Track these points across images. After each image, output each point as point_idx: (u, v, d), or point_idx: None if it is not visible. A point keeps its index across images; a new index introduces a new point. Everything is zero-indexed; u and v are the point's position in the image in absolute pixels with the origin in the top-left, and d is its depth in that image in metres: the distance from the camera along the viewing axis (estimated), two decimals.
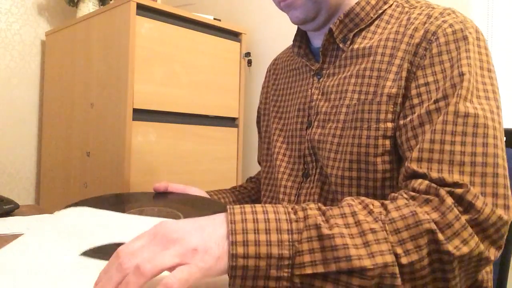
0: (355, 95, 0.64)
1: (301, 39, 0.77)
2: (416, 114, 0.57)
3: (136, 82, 1.40)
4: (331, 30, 0.69)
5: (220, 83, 1.66)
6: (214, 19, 1.66)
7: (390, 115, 0.60)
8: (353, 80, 0.65)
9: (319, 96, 0.70)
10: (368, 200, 0.50)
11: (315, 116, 0.70)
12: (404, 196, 0.50)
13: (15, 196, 1.93)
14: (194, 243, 0.41)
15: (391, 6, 0.69)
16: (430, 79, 0.58)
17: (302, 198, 0.70)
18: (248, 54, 1.76)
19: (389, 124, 0.60)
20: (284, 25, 1.69)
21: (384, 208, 0.48)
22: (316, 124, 0.69)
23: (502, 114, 0.63)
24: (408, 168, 0.54)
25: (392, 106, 0.60)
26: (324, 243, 0.44)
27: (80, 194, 1.60)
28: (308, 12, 0.68)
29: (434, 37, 0.59)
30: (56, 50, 1.82)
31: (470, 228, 0.47)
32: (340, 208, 0.48)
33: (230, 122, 1.72)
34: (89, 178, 1.55)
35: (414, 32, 0.62)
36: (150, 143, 1.45)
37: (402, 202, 0.48)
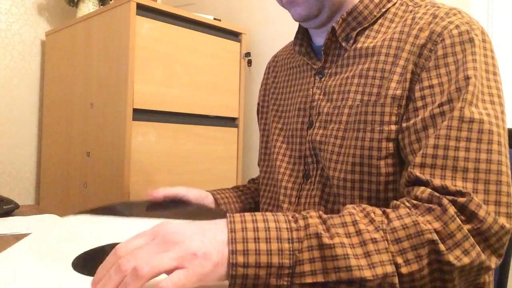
0: (358, 96, 0.63)
1: (302, 36, 0.76)
2: (420, 117, 0.56)
3: (136, 82, 1.40)
4: (333, 29, 0.67)
5: (220, 83, 1.66)
6: (214, 19, 1.66)
7: (394, 117, 0.59)
8: (356, 81, 0.64)
9: (321, 96, 0.69)
10: (369, 208, 0.49)
11: (316, 117, 0.69)
12: (406, 204, 0.50)
13: (15, 196, 1.93)
14: (194, 247, 0.41)
15: (395, 4, 0.68)
16: (435, 81, 0.57)
17: (303, 200, 0.69)
18: (248, 54, 1.76)
19: (392, 127, 0.59)
20: (284, 25, 1.69)
21: (386, 216, 0.48)
22: (318, 124, 0.68)
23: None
24: (411, 173, 0.54)
25: (396, 108, 0.59)
26: (325, 252, 0.43)
27: (80, 194, 1.60)
28: (311, 9, 0.67)
29: (440, 38, 0.58)
30: (56, 50, 1.82)
31: (471, 238, 0.47)
32: (341, 217, 0.48)
33: (230, 122, 1.71)
34: (89, 178, 1.55)
35: (419, 32, 0.60)
36: (150, 143, 1.44)
37: (404, 211, 0.48)
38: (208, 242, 0.42)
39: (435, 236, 0.45)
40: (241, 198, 0.89)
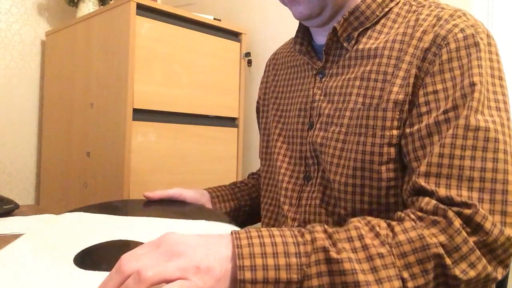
0: (360, 99, 0.62)
1: (303, 35, 0.74)
2: (424, 123, 0.55)
3: (136, 82, 1.40)
4: (335, 29, 0.66)
5: (220, 83, 1.66)
6: (214, 19, 1.66)
7: (396, 123, 0.58)
8: (357, 83, 0.63)
9: (322, 97, 0.68)
10: (374, 221, 0.49)
11: (317, 118, 0.68)
12: (411, 217, 0.49)
13: (15, 196, 1.93)
14: (198, 260, 0.40)
15: (398, 4, 0.66)
16: (439, 86, 0.56)
17: (304, 202, 0.68)
18: (248, 54, 1.76)
19: (394, 132, 0.58)
20: (284, 25, 1.69)
21: (391, 230, 0.48)
22: (319, 126, 0.67)
23: None
24: (416, 183, 0.53)
25: (398, 113, 0.58)
26: (333, 267, 0.43)
27: (80, 194, 1.60)
28: (313, 8, 0.65)
29: (444, 42, 0.57)
30: (56, 50, 1.82)
31: (477, 251, 0.46)
32: (347, 231, 0.47)
33: (230, 122, 1.71)
34: (89, 178, 1.55)
35: (422, 35, 0.59)
36: (150, 143, 1.44)
37: (409, 224, 0.48)
38: (212, 256, 0.41)
39: (441, 250, 0.45)
40: (236, 195, 0.89)
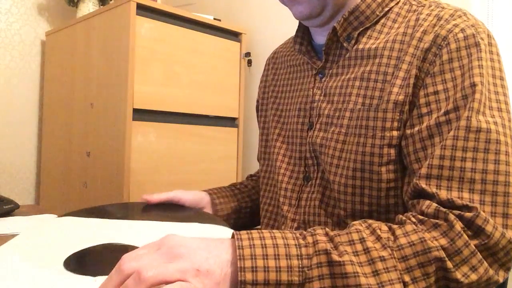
0: (360, 99, 0.62)
1: (302, 35, 0.74)
2: (425, 124, 0.55)
3: (136, 82, 1.40)
4: (334, 29, 0.66)
5: (220, 83, 1.66)
6: (214, 19, 1.66)
7: (396, 123, 0.58)
8: (357, 83, 0.63)
9: (321, 97, 0.68)
10: (375, 224, 0.49)
11: (316, 118, 0.68)
12: (412, 220, 0.49)
13: (15, 196, 1.93)
14: (198, 263, 0.40)
15: (398, 3, 0.66)
16: (440, 87, 0.56)
17: (303, 203, 0.68)
18: (248, 54, 1.76)
19: (394, 133, 0.58)
20: (284, 25, 1.69)
21: (392, 233, 0.48)
22: (318, 126, 0.67)
23: None
24: (417, 185, 0.53)
25: (398, 114, 0.58)
26: (334, 269, 0.43)
27: (80, 194, 1.60)
28: (314, 8, 0.65)
29: (445, 42, 0.57)
30: (56, 50, 1.82)
31: (479, 254, 0.46)
32: (348, 235, 0.47)
33: (230, 122, 1.71)
34: (89, 178, 1.55)
35: (423, 35, 0.59)
36: (150, 143, 1.44)
37: (411, 227, 0.48)
38: (212, 260, 0.41)
39: (442, 254, 0.45)
40: (237, 197, 0.88)
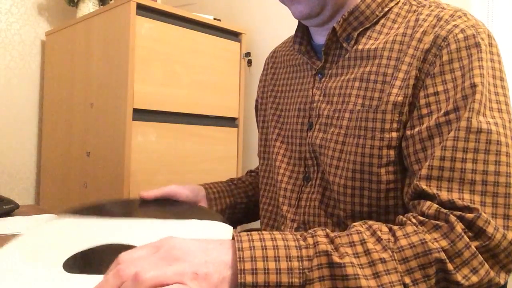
0: (359, 100, 0.62)
1: (302, 35, 0.74)
2: (425, 125, 0.55)
3: (136, 82, 1.40)
4: (334, 29, 0.66)
5: (220, 83, 1.66)
6: (214, 19, 1.66)
7: (395, 125, 0.58)
8: (357, 84, 0.63)
9: (321, 98, 0.68)
10: (376, 226, 0.48)
11: (316, 119, 0.68)
12: (413, 221, 0.49)
13: (15, 196, 1.93)
14: (196, 266, 0.40)
15: (397, 3, 0.66)
16: (440, 88, 0.55)
17: (303, 203, 0.68)
18: (248, 54, 1.76)
19: (393, 134, 0.58)
20: (284, 25, 1.69)
21: (392, 234, 0.47)
22: (318, 127, 0.67)
23: None
24: (417, 186, 0.53)
25: (397, 115, 0.58)
26: (335, 271, 0.43)
27: (80, 194, 1.60)
28: (313, 7, 0.64)
29: (445, 43, 0.56)
30: (56, 50, 1.82)
31: (480, 256, 0.46)
32: (349, 236, 0.47)
33: (230, 122, 1.71)
34: (89, 178, 1.55)
35: (423, 36, 0.59)
36: (150, 143, 1.44)
37: (411, 228, 0.47)
38: (210, 263, 0.41)
39: (443, 255, 0.45)
40: (233, 192, 0.88)
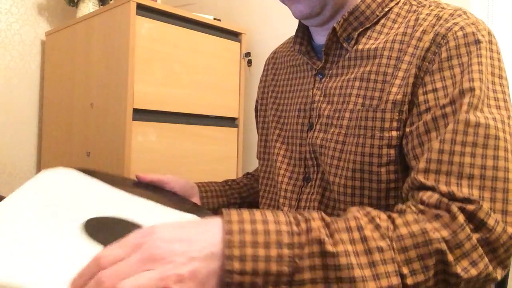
0: (360, 100, 0.62)
1: (302, 35, 0.74)
2: (422, 120, 0.55)
3: (136, 82, 1.40)
4: (334, 29, 0.66)
5: (220, 83, 1.66)
6: (214, 19, 1.66)
7: (395, 123, 0.58)
8: (357, 84, 0.63)
9: (321, 98, 0.68)
10: (374, 213, 0.47)
11: (316, 119, 0.68)
12: (413, 209, 0.48)
13: None
14: (180, 267, 0.37)
15: (398, 3, 0.66)
16: (439, 85, 0.55)
17: (303, 204, 0.68)
18: (248, 54, 1.76)
19: (393, 133, 0.58)
20: (284, 25, 1.69)
21: (392, 222, 0.46)
22: (318, 127, 0.67)
23: None
24: (415, 179, 0.52)
25: (397, 114, 0.57)
26: (327, 260, 0.41)
27: None
28: (314, 7, 0.64)
29: (444, 40, 0.56)
30: (56, 50, 1.82)
31: (480, 249, 0.45)
32: (346, 221, 0.45)
33: (230, 122, 1.71)
34: None
35: (422, 35, 0.59)
36: (150, 143, 1.44)
37: (411, 217, 0.46)
38: (196, 258, 0.38)
39: (444, 246, 0.44)
40: (226, 192, 0.88)
